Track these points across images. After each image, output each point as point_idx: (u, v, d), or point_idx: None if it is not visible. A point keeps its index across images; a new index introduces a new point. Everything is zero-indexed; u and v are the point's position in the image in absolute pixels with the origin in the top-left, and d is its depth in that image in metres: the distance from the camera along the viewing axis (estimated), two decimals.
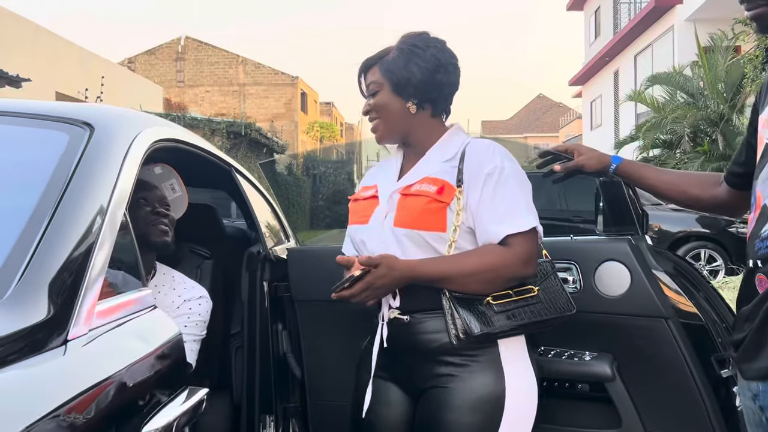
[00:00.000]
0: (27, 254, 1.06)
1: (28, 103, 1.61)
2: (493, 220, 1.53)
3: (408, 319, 1.57)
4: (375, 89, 1.67)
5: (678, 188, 1.73)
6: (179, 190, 2.26)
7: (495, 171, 1.55)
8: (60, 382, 0.92)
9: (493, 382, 1.52)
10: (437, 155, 1.64)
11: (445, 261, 1.53)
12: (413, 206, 1.57)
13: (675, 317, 1.75)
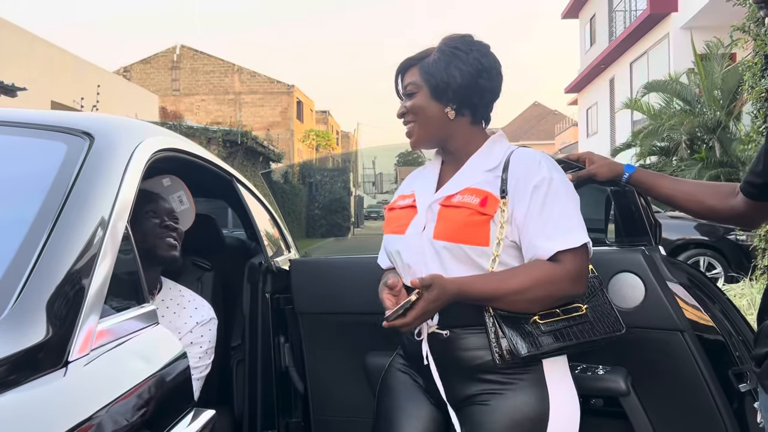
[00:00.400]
0: (25, 271, 1.01)
1: (25, 112, 1.57)
2: (543, 234, 1.45)
3: (447, 335, 1.50)
4: (412, 90, 1.59)
5: (694, 198, 1.69)
6: (187, 202, 2.21)
7: (543, 182, 1.47)
8: (61, 406, 0.87)
9: (536, 402, 1.45)
10: (479, 164, 1.57)
11: (493, 279, 1.45)
12: (455, 218, 1.50)
13: (691, 330, 1.70)
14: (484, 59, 1.57)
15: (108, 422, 0.91)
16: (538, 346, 1.43)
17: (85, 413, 0.87)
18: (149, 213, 1.96)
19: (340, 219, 8.15)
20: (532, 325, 1.44)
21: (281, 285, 2.33)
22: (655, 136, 13.64)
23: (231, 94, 35.53)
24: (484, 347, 1.46)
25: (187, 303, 2.04)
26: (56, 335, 0.95)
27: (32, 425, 0.81)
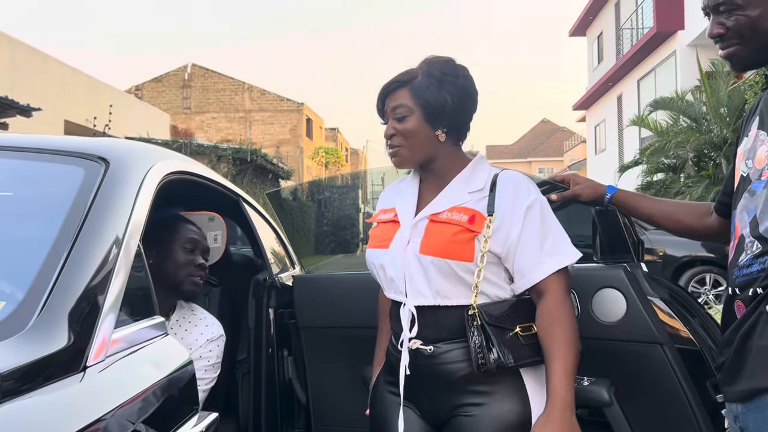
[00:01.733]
0: (48, 285, 1.12)
1: (46, 138, 1.69)
2: (543, 252, 1.54)
3: (431, 350, 1.57)
4: (404, 113, 1.62)
5: (673, 218, 1.78)
6: (220, 242, 2.31)
7: (535, 204, 1.56)
8: (79, 405, 0.98)
9: (518, 410, 1.52)
10: (463, 185, 1.64)
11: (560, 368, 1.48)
12: (442, 234, 1.56)
13: (670, 343, 1.79)
14: (468, 83, 1.65)
15: (120, 420, 1.01)
16: (521, 357, 1.52)
17: (100, 412, 0.98)
18: (188, 247, 2.06)
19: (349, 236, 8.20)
20: (513, 336, 1.52)
21: (285, 300, 2.43)
22: (662, 154, 13.70)
23: (241, 112, 35.87)
24: (466, 359, 1.54)
25: (198, 321, 2.14)
26: (76, 343, 1.06)
27: (54, 422, 0.92)
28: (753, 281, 1.35)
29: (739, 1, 1.38)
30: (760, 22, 1.37)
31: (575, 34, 27.70)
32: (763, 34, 1.38)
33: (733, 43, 1.42)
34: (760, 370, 1.32)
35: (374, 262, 1.69)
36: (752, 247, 1.37)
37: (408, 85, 1.63)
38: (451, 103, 1.61)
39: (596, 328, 1.84)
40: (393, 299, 1.68)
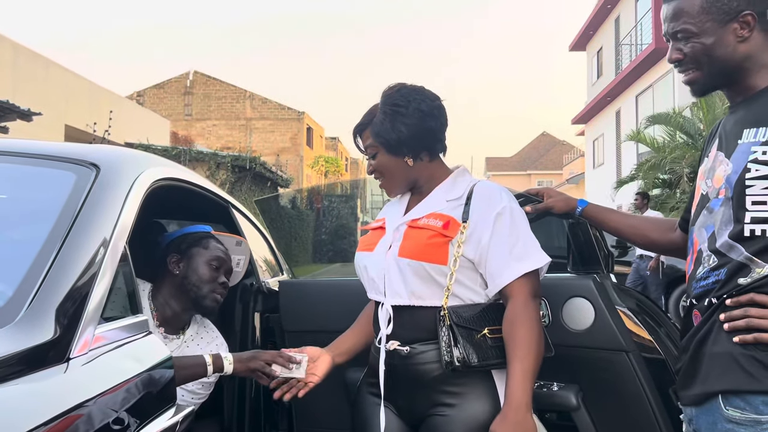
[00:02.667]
0: (36, 282, 1.20)
1: (41, 144, 1.77)
2: (512, 256, 1.63)
3: (408, 351, 1.67)
4: (373, 152, 1.79)
5: (639, 232, 1.87)
6: (241, 267, 2.39)
7: (505, 211, 1.67)
8: (61, 393, 1.05)
9: (490, 410, 1.60)
10: (443, 194, 1.76)
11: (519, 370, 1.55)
12: (418, 238, 1.68)
13: (636, 351, 1.87)
14: (423, 105, 1.74)
15: (99, 408, 1.09)
16: (486, 357, 1.60)
17: (80, 399, 1.06)
18: (214, 264, 2.14)
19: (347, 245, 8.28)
20: (481, 337, 1.61)
21: (271, 305, 2.50)
22: (658, 169, 13.80)
23: (242, 120, 36.04)
24: (438, 359, 1.62)
25: (210, 339, 2.22)
26: (60, 336, 1.14)
27: (37, 406, 0.99)
28: (708, 292, 1.44)
29: (694, 29, 1.46)
30: (714, 49, 1.46)
31: (575, 48, 27.89)
32: (717, 61, 1.47)
33: (690, 68, 1.51)
34: (713, 375, 1.40)
35: (359, 263, 1.83)
36: (709, 261, 1.46)
37: (369, 126, 1.79)
38: (407, 131, 1.73)
39: (566, 335, 1.92)
40: (374, 299, 1.79)
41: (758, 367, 1.33)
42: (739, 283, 1.38)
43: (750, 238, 1.38)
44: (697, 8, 1.46)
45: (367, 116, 1.81)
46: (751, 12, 1.44)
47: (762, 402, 1.32)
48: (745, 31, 1.44)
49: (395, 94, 1.77)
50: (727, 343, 1.38)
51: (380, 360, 1.71)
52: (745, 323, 1.35)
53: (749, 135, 1.41)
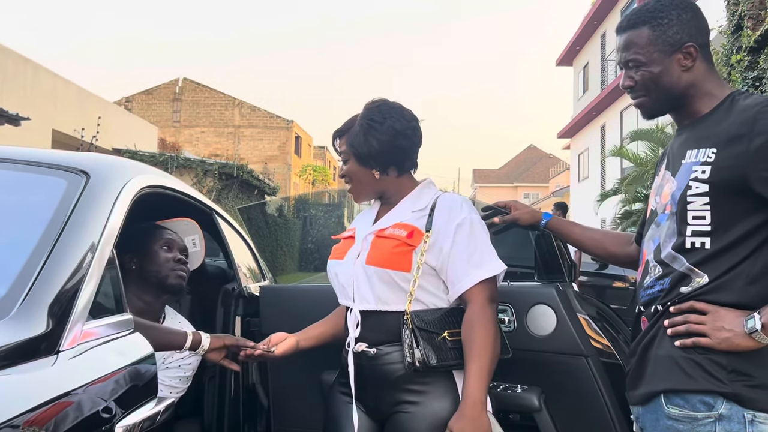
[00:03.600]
0: (29, 281, 1.29)
1: (33, 151, 1.86)
2: (471, 264, 1.74)
3: (375, 352, 1.78)
4: (345, 158, 1.91)
5: (599, 245, 1.99)
6: (199, 245, 2.51)
7: (465, 221, 1.78)
8: (51, 382, 1.15)
9: (451, 407, 1.71)
10: (408, 206, 1.87)
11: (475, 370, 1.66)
12: (384, 247, 1.79)
13: (595, 356, 1.98)
14: (397, 124, 1.86)
15: (86, 396, 1.19)
16: (446, 358, 1.71)
17: (68, 388, 1.16)
18: (165, 247, 2.27)
19: None
20: (441, 340, 1.72)
21: (252, 309, 2.60)
22: (639, 183, 14.00)
23: (231, 127, 36.05)
24: (402, 360, 1.73)
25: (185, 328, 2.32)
26: (51, 331, 1.23)
27: (30, 393, 1.09)
28: (654, 299, 1.57)
29: (643, 59, 1.60)
30: (661, 77, 1.59)
31: (562, 63, 28.23)
32: (663, 88, 1.60)
33: (640, 94, 1.64)
34: (656, 376, 1.53)
35: (331, 271, 1.94)
36: (655, 271, 1.58)
37: (346, 134, 1.91)
38: (378, 146, 1.85)
39: (529, 340, 2.03)
40: (344, 305, 1.90)
41: (696, 368, 1.46)
42: (681, 291, 1.51)
43: (691, 250, 1.50)
44: (645, 40, 1.59)
45: (347, 123, 1.93)
46: (694, 44, 1.57)
47: (699, 401, 1.45)
48: (689, 61, 1.58)
49: (374, 108, 1.89)
50: (670, 347, 1.50)
51: (349, 361, 1.82)
52: (685, 328, 1.48)
53: (691, 155, 1.54)
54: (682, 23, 1.58)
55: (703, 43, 1.60)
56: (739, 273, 1.45)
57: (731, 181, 1.45)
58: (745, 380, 1.43)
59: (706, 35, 1.62)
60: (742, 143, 1.44)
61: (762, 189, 1.42)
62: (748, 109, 1.47)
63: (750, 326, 1.40)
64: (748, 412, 1.42)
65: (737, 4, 8.04)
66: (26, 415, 1.04)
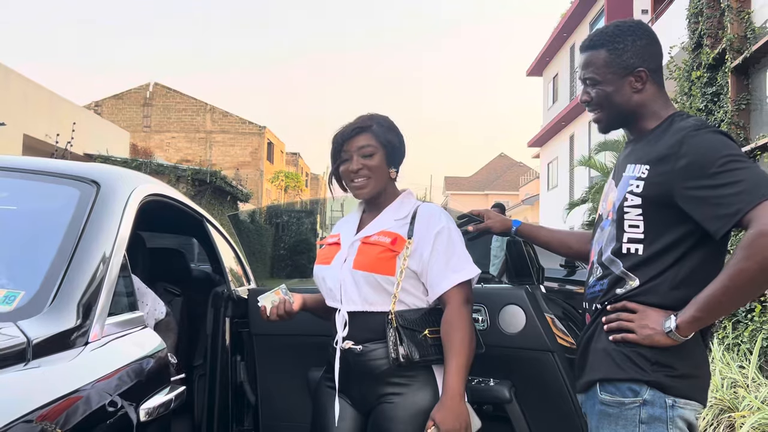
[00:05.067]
0: (57, 281, 1.44)
1: (45, 161, 2.00)
2: (449, 268, 1.92)
3: (360, 349, 1.94)
4: (371, 152, 2.00)
5: (564, 244, 2.18)
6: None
7: (444, 230, 1.96)
8: (85, 368, 1.30)
9: (430, 397, 1.88)
10: (392, 214, 2.04)
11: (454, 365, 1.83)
12: (370, 252, 1.95)
13: (560, 351, 2.17)
14: (403, 136, 2.09)
15: (112, 382, 1.34)
16: (427, 354, 1.89)
17: (98, 375, 1.31)
18: None
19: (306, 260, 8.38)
20: (423, 337, 1.90)
21: (240, 311, 2.74)
22: None
23: (202, 133, 35.86)
24: (386, 356, 1.90)
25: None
26: (80, 325, 1.38)
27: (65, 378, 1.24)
28: (595, 298, 1.79)
29: (599, 78, 1.79)
30: (613, 96, 1.79)
31: (532, 73, 28.68)
32: (615, 106, 1.80)
33: (596, 109, 1.84)
34: (594, 367, 1.74)
35: (318, 275, 2.09)
36: (597, 272, 1.80)
37: (369, 131, 2.02)
38: (401, 147, 2.07)
39: (501, 337, 2.22)
40: (331, 306, 2.04)
41: (625, 360, 1.67)
42: (617, 292, 1.72)
43: (626, 255, 1.71)
44: (602, 61, 1.78)
45: (362, 122, 2.03)
46: (645, 69, 1.77)
47: (627, 388, 1.66)
48: (639, 84, 1.77)
49: (386, 118, 2.09)
50: (606, 341, 1.71)
51: (336, 358, 1.97)
52: (617, 325, 1.69)
53: (630, 170, 1.74)
54: (636, 49, 1.76)
55: (654, 68, 1.79)
56: (665, 279, 1.65)
57: (659, 196, 1.64)
58: (667, 371, 1.63)
59: (658, 60, 1.81)
60: (669, 163, 1.63)
61: (683, 204, 1.60)
62: (678, 132, 1.66)
63: (667, 326, 1.61)
64: (669, 398, 1.63)
65: (697, 23, 8.41)
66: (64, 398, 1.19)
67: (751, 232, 1.49)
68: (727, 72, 7.76)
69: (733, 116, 7.58)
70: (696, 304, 1.57)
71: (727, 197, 1.52)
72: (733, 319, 6.08)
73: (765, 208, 1.48)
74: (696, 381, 1.67)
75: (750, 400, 4.23)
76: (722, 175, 1.54)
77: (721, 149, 1.58)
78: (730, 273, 1.52)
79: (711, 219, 1.55)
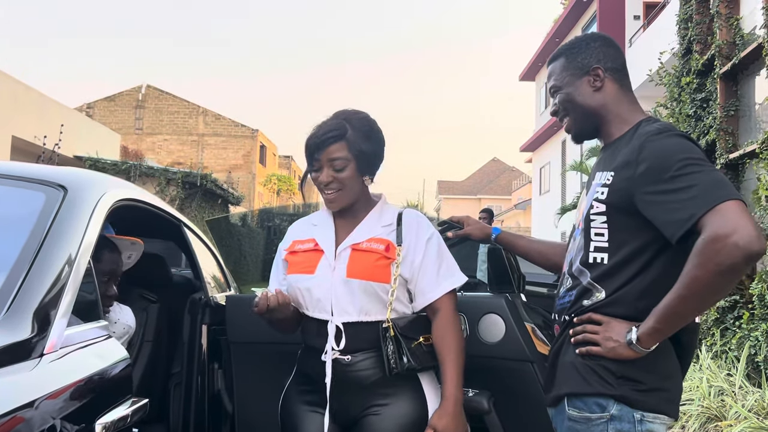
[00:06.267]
0: (14, 289, 1.39)
1: (11, 164, 1.95)
2: (440, 275, 1.90)
3: (349, 359, 1.87)
4: (342, 165, 1.88)
5: (542, 255, 2.15)
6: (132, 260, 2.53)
7: (433, 237, 1.94)
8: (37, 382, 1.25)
9: (417, 408, 1.85)
10: (376, 220, 1.97)
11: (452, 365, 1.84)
12: (365, 261, 1.88)
13: (540, 361, 2.13)
14: (382, 135, 2.00)
15: (69, 396, 1.29)
16: (425, 361, 1.86)
17: (52, 388, 1.26)
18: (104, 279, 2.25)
19: None
20: (418, 345, 1.86)
21: (218, 318, 2.69)
22: None
23: (194, 136, 35.78)
24: (376, 366, 1.85)
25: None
26: (35, 336, 1.33)
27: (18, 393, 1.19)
28: (564, 310, 1.76)
29: (559, 84, 1.82)
30: (574, 96, 1.79)
31: (525, 78, 28.71)
32: (578, 105, 1.79)
33: (563, 116, 1.83)
34: (561, 381, 1.71)
35: (299, 285, 1.95)
36: (566, 282, 1.77)
37: (343, 139, 1.89)
38: (377, 153, 1.97)
39: (480, 347, 2.17)
40: (316, 318, 1.92)
41: (591, 374, 1.64)
42: (583, 304, 1.69)
43: (593, 265, 1.68)
44: (560, 67, 1.82)
45: (335, 130, 1.90)
46: (600, 67, 1.78)
47: (594, 402, 1.63)
48: (597, 82, 1.78)
49: (362, 117, 1.96)
50: (573, 355, 1.68)
51: (327, 372, 1.87)
52: (582, 338, 1.66)
53: (598, 177, 1.72)
54: (590, 50, 1.79)
55: (612, 67, 1.79)
56: (630, 289, 1.62)
57: (622, 203, 1.62)
58: (634, 385, 1.60)
59: (617, 61, 1.80)
60: (630, 168, 1.61)
61: (643, 209, 1.58)
62: (641, 136, 1.64)
63: (629, 338, 1.58)
64: (637, 413, 1.59)
65: (687, 29, 8.42)
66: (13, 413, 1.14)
67: (702, 238, 1.45)
68: (716, 78, 7.77)
69: (722, 122, 7.58)
70: (655, 315, 1.54)
71: (682, 202, 1.50)
72: (721, 326, 6.07)
73: (717, 213, 1.44)
74: (664, 394, 1.63)
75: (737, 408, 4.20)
76: (678, 179, 1.51)
77: (678, 153, 1.55)
78: (685, 282, 1.48)
79: (667, 224, 1.53)
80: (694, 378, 4.89)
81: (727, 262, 1.41)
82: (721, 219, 1.42)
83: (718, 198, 1.45)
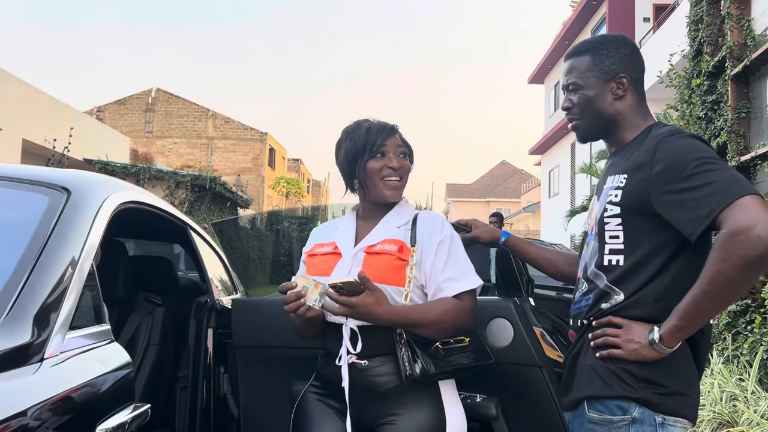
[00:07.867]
0: (15, 292, 1.37)
1: (15, 167, 1.94)
2: (451, 277, 1.85)
3: (366, 364, 1.83)
4: (405, 152, 1.98)
5: (552, 264, 2.12)
6: None
7: (446, 238, 1.90)
8: (38, 386, 1.23)
9: (436, 418, 1.80)
10: (392, 221, 1.96)
11: (418, 309, 1.80)
12: (380, 263, 1.85)
13: (549, 366, 2.10)
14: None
15: (69, 400, 1.27)
16: (442, 365, 1.79)
17: (53, 392, 1.24)
18: None
19: None
20: (435, 349, 1.81)
21: (224, 321, 2.67)
22: None
23: (204, 139, 35.88)
24: (393, 373, 1.80)
25: None
26: (36, 340, 1.31)
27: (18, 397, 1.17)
28: (581, 314, 1.74)
29: (581, 83, 1.78)
30: (594, 100, 1.77)
31: (534, 81, 28.64)
32: (595, 111, 1.77)
33: (575, 116, 1.80)
34: (581, 384, 1.69)
35: None
36: (582, 287, 1.75)
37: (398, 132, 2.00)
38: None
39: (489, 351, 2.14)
40: (333, 322, 1.91)
41: (612, 377, 1.62)
42: (602, 307, 1.67)
43: (608, 268, 1.66)
44: (584, 66, 1.78)
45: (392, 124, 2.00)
46: (626, 76, 1.76)
47: (616, 405, 1.61)
48: (620, 90, 1.76)
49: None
50: (592, 358, 1.66)
51: (343, 376, 1.83)
52: (603, 341, 1.63)
53: (610, 181, 1.71)
54: (619, 56, 1.77)
55: (635, 78, 1.78)
56: (648, 291, 1.61)
57: (637, 204, 1.62)
58: (656, 388, 1.59)
59: (640, 72, 1.80)
60: (645, 169, 1.60)
61: (661, 209, 1.57)
62: (653, 138, 1.64)
63: (651, 338, 1.56)
64: (658, 416, 1.58)
65: (697, 30, 8.35)
66: (13, 419, 1.12)
67: (723, 232, 1.45)
68: (726, 80, 7.69)
69: (733, 124, 7.51)
70: (677, 312, 1.53)
71: (700, 199, 1.50)
72: (732, 330, 6.00)
73: (736, 208, 1.45)
74: (685, 398, 1.62)
75: (749, 414, 4.15)
76: (695, 177, 1.52)
77: (694, 152, 1.55)
78: (708, 277, 1.48)
79: (685, 222, 1.53)
80: (706, 383, 4.83)
81: (751, 254, 1.41)
82: (741, 213, 1.43)
83: (736, 194, 1.46)
